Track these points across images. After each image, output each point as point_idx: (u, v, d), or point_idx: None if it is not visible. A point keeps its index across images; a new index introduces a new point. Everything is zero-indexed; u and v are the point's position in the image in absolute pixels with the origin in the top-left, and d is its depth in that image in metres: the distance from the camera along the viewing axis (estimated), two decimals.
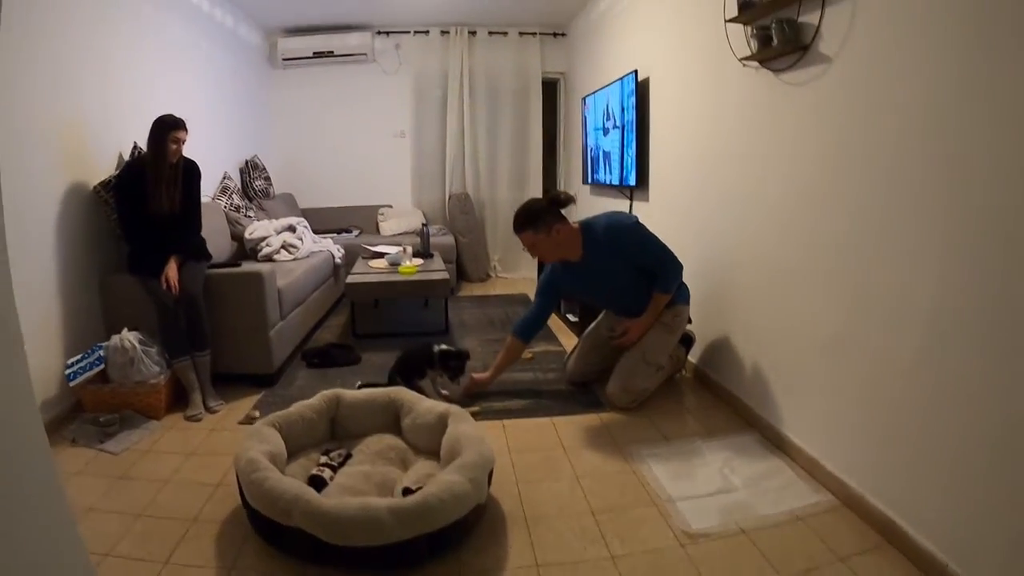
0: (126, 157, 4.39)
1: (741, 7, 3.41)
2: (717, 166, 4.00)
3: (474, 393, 3.96)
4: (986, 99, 1.98)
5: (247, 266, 4.50)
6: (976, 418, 2.05)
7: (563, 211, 3.73)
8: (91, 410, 3.68)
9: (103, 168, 4.18)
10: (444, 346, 3.93)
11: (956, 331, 2.14)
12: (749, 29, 3.44)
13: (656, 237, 3.74)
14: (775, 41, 3.13)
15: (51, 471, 1.47)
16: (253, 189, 7.03)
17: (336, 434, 3.07)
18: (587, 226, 3.75)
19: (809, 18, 2.95)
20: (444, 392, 3.88)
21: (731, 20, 3.54)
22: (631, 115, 5.25)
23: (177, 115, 3.93)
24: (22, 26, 3.38)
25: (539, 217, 3.64)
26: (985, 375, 2.01)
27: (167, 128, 3.86)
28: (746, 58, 3.46)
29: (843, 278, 2.77)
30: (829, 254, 2.86)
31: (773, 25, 3.11)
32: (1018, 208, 1.87)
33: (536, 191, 8.44)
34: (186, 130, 3.96)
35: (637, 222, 3.74)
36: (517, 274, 8.35)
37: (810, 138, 3.00)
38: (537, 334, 4.15)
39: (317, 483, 2.58)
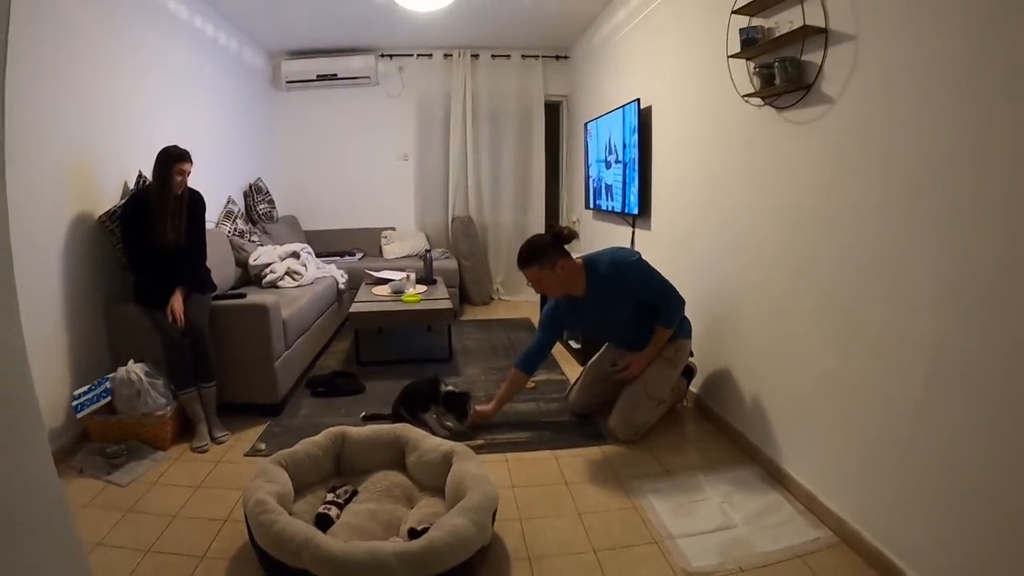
0: (131, 186, 4.42)
1: (744, 43, 3.45)
2: (719, 198, 4.04)
3: (478, 425, 3.99)
4: (985, 145, 2.02)
5: (252, 295, 4.54)
6: (972, 454, 2.09)
7: (567, 246, 3.77)
8: (97, 440, 3.71)
9: (108, 197, 4.22)
10: (450, 387, 3.98)
11: (950, 368, 2.19)
12: (751, 65, 3.48)
13: (658, 272, 3.79)
14: (778, 80, 3.16)
15: (63, 507, 1.51)
16: (257, 213, 7.08)
17: (342, 470, 3.10)
18: (590, 262, 3.80)
19: (812, 57, 2.97)
20: (448, 424, 3.91)
21: (734, 56, 3.58)
22: (633, 153, 5.30)
23: (182, 143, 3.97)
24: (28, 56, 3.43)
25: (543, 253, 3.68)
26: (980, 412, 2.05)
27: (172, 160, 3.88)
28: (749, 95, 3.49)
29: (840, 315, 2.81)
30: (828, 291, 2.90)
31: (776, 64, 3.14)
32: (1013, 250, 1.92)
33: (539, 215, 8.53)
34: (191, 162, 3.98)
35: (640, 258, 3.79)
36: (520, 297, 8.37)
37: (812, 176, 3.03)
38: (540, 366, 4.19)
39: (324, 522, 2.63)
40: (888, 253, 2.52)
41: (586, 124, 6.95)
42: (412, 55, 8.24)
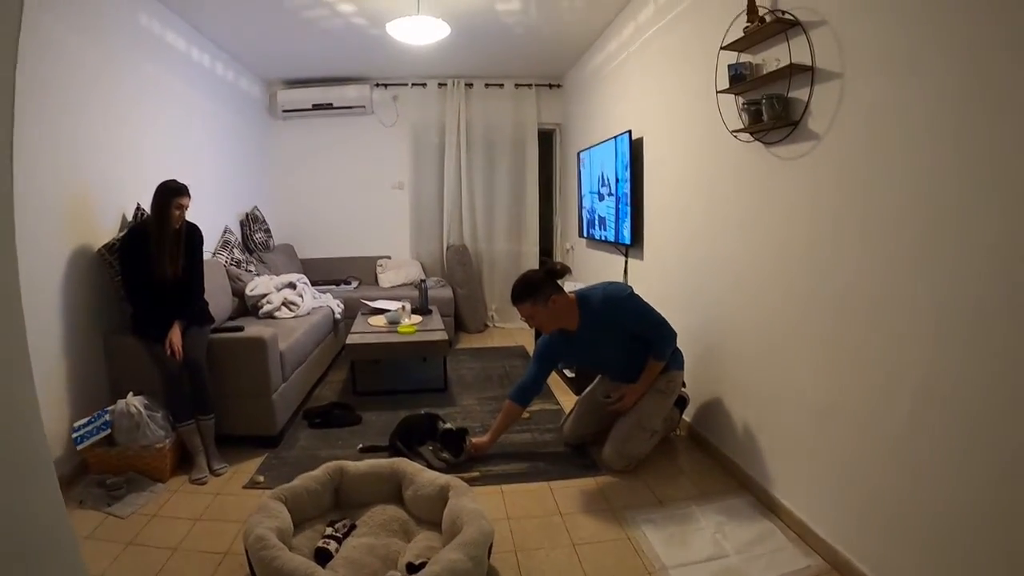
0: (129, 218, 4.48)
1: (732, 79, 3.53)
2: (711, 229, 4.10)
3: (474, 457, 4.03)
4: (966, 180, 2.09)
5: (249, 327, 4.58)
6: (957, 485, 2.15)
7: (560, 281, 3.84)
8: (97, 471, 3.73)
9: (107, 229, 4.27)
10: (448, 426, 4.03)
11: (934, 400, 2.25)
12: (740, 101, 3.55)
13: (650, 306, 3.86)
14: (765, 116, 3.23)
15: (73, 542, 1.57)
16: (253, 242, 7.13)
17: (340, 504, 3.14)
18: (583, 297, 3.88)
19: (799, 94, 3.04)
20: (444, 456, 3.94)
21: (722, 91, 3.66)
22: (625, 186, 5.37)
23: (179, 173, 4.03)
24: (26, 88, 3.45)
25: (537, 289, 3.75)
26: (961, 444, 2.12)
27: (171, 194, 3.93)
28: (737, 130, 3.55)
29: (835, 347, 2.85)
30: (821, 322, 2.95)
31: (763, 100, 3.21)
32: (993, 285, 1.99)
33: (533, 243, 8.61)
34: (189, 196, 4.03)
35: (632, 293, 3.88)
36: (514, 324, 8.37)
37: (803, 209, 3.08)
38: (534, 399, 4.23)
39: (323, 556, 2.67)
40: (870, 287, 2.59)
41: (579, 153, 7.04)
42: (407, 84, 8.34)
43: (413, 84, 8.33)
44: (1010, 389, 1.94)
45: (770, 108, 3.18)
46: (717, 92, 3.73)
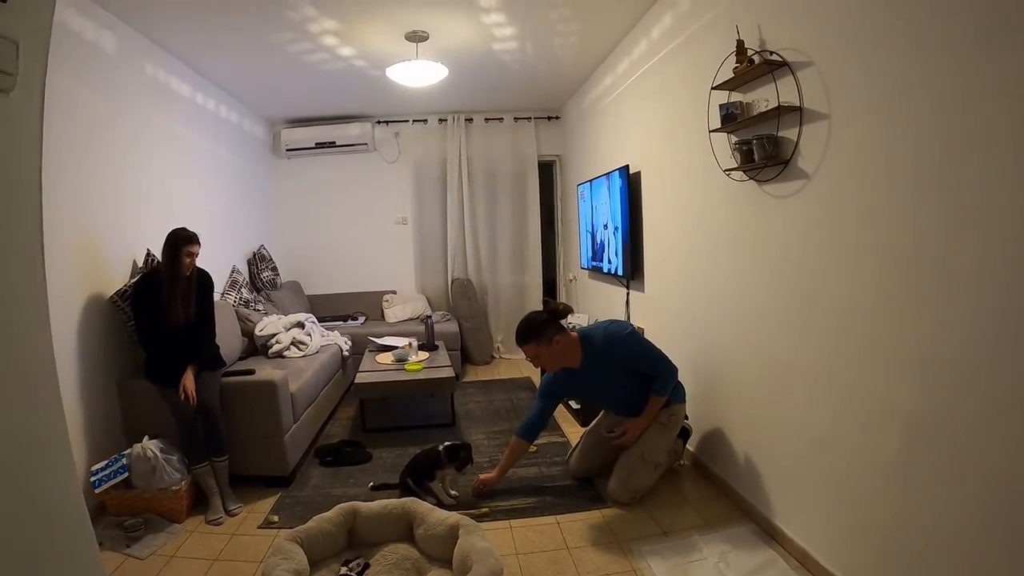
0: (140, 264, 4.58)
1: (724, 119, 3.61)
2: (709, 264, 4.17)
3: (482, 493, 4.10)
4: (952, 219, 2.17)
5: (259, 368, 4.66)
6: (950, 515, 2.22)
7: (563, 321, 3.94)
8: (114, 513, 3.82)
9: (118, 275, 4.37)
10: (448, 442, 4.11)
11: (923, 433, 2.33)
12: (732, 139, 3.63)
13: (650, 344, 3.98)
14: (756, 156, 3.30)
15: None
16: (261, 280, 7.22)
17: (353, 543, 3.20)
18: (586, 336, 3.98)
19: (788, 133, 3.13)
20: (453, 492, 4.03)
21: (715, 130, 3.74)
22: (623, 220, 5.47)
23: (186, 216, 4.17)
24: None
25: (540, 330, 3.87)
26: (959, 477, 2.18)
27: (181, 242, 4.03)
28: (731, 169, 3.64)
29: (828, 379, 2.92)
30: (814, 354, 3.03)
31: (754, 140, 3.29)
32: (980, 323, 2.07)
33: (536, 274, 8.68)
34: (199, 243, 4.14)
35: (633, 331, 3.98)
36: (520, 355, 8.29)
37: (797, 245, 3.15)
38: (540, 434, 4.31)
39: None
40: (861, 321, 2.68)
41: (578, 187, 7.13)
42: (408, 121, 8.47)
43: (414, 120, 8.47)
44: (997, 421, 2.02)
45: (761, 148, 3.26)
46: (709, 131, 3.81)
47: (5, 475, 1.34)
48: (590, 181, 6.57)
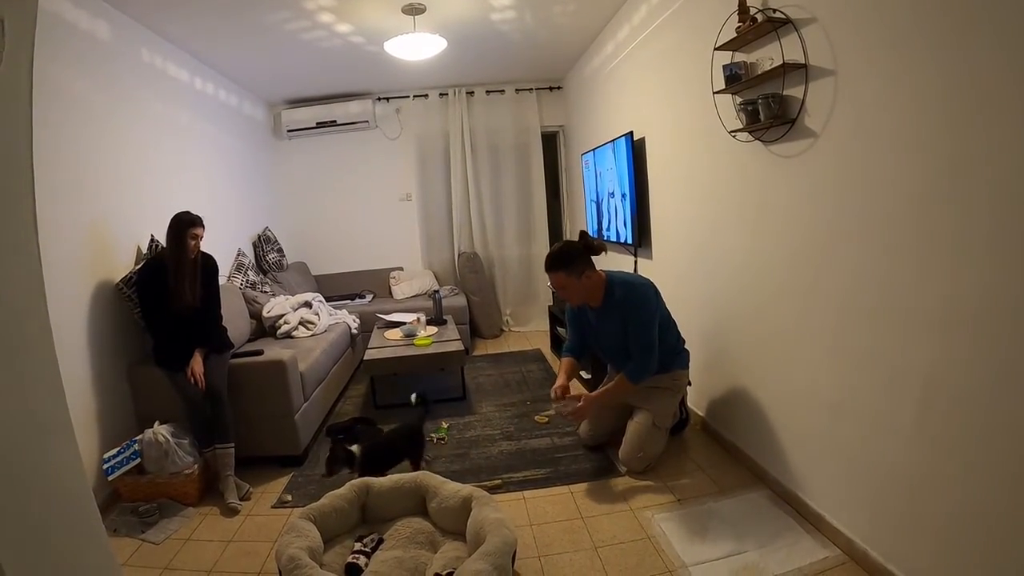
0: (144, 250, 4.57)
1: (728, 80, 3.56)
2: (717, 227, 4.13)
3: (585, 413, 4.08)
4: (961, 174, 2.12)
5: (268, 349, 4.66)
6: (968, 477, 2.19)
7: (594, 258, 3.90)
8: (128, 499, 3.84)
9: (123, 262, 4.36)
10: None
11: (941, 394, 2.29)
12: (737, 100, 3.57)
13: (655, 325, 3.86)
14: (762, 116, 3.26)
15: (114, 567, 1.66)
16: (267, 262, 7.21)
17: (367, 519, 3.21)
18: (611, 279, 3.93)
19: (794, 92, 3.07)
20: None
21: (719, 92, 3.69)
22: (629, 186, 5.41)
23: (189, 202, 4.13)
24: (37, 139, 3.55)
25: (573, 261, 3.80)
26: (978, 437, 2.14)
27: (186, 226, 4.03)
28: (736, 130, 3.59)
29: (840, 340, 2.89)
30: (829, 316, 2.98)
31: (759, 100, 3.24)
32: (994, 279, 2.03)
33: (543, 245, 8.59)
34: (203, 226, 4.13)
35: (649, 300, 3.89)
36: (529, 327, 8.48)
37: (804, 205, 3.10)
38: (586, 355, 4.41)
39: (353, 571, 2.75)
40: (871, 282, 2.63)
41: (582, 156, 7.08)
42: (408, 96, 8.41)
43: (415, 96, 8.40)
44: (1017, 379, 1.97)
45: (766, 108, 3.20)
46: (714, 93, 3.75)
47: (6, 459, 1.33)
48: (593, 150, 6.51)
